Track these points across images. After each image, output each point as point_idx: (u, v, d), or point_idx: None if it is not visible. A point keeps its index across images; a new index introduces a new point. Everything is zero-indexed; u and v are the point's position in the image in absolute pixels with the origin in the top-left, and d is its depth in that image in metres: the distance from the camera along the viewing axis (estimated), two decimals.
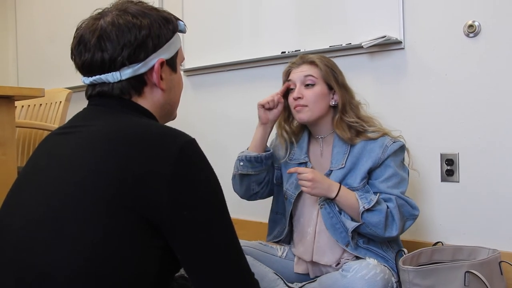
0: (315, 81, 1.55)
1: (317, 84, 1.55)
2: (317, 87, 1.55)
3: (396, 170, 1.51)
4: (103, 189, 0.80)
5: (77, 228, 0.79)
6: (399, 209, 1.47)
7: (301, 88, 1.56)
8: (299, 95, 1.55)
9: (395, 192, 1.49)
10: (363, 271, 1.35)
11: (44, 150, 0.95)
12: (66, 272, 0.76)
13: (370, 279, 1.34)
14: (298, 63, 1.60)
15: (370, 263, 1.38)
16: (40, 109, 2.48)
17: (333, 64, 1.60)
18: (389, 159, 1.51)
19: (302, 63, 1.59)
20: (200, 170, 0.86)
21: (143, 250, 0.81)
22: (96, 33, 0.91)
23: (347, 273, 1.36)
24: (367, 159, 1.52)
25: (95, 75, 0.93)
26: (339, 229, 1.51)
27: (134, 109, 0.94)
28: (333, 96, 1.57)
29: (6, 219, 0.87)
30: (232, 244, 0.88)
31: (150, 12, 0.95)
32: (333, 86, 1.56)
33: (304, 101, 1.54)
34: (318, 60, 1.57)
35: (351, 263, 1.41)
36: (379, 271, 1.36)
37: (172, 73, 1.00)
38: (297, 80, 1.57)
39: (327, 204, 1.52)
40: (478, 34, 1.76)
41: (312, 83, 1.55)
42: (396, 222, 1.45)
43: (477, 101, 1.77)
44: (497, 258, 1.50)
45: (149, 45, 0.93)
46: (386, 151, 1.51)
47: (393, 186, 1.50)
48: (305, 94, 1.55)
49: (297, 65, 1.60)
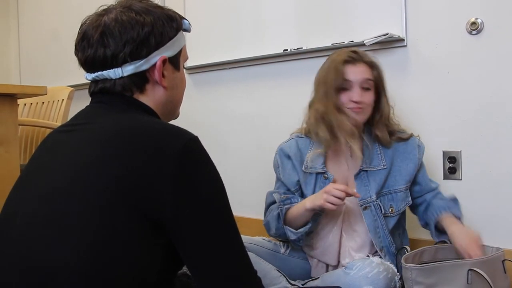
0: (372, 85, 1.53)
1: (371, 88, 1.54)
2: (372, 92, 1.54)
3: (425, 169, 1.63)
4: (106, 187, 0.80)
5: (80, 227, 0.79)
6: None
7: (360, 91, 1.50)
8: (361, 99, 1.50)
9: (435, 186, 1.63)
10: (366, 269, 1.35)
11: (46, 148, 0.96)
12: (69, 271, 0.76)
13: (373, 277, 1.33)
14: (356, 58, 1.52)
15: (373, 261, 1.38)
16: (42, 107, 2.49)
17: (381, 67, 1.58)
18: (422, 158, 1.59)
19: (361, 61, 1.53)
20: (203, 167, 0.86)
21: (146, 248, 0.81)
22: (99, 29, 0.91)
23: (350, 271, 1.36)
24: (406, 160, 1.55)
25: (98, 71, 0.93)
26: (379, 233, 1.52)
27: (136, 107, 0.94)
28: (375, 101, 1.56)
29: (9, 217, 0.87)
30: (235, 242, 0.88)
31: (154, 10, 0.96)
32: (381, 91, 1.56)
33: (363, 105, 1.51)
34: (375, 62, 1.55)
35: (354, 261, 1.41)
36: (382, 269, 1.36)
37: (174, 71, 1.00)
38: (356, 81, 1.50)
39: (373, 206, 1.52)
40: (481, 32, 1.75)
41: (370, 88, 1.53)
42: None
43: (480, 99, 1.77)
44: (500, 256, 1.50)
45: (152, 42, 0.93)
46: (421, 151, 1.59)
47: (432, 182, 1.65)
48: (363, 98, 1.51)
49: (355, 61, 1.52)
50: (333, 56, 1.58)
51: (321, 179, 1.57)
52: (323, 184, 1.55)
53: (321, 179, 1.57)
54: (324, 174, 1.57)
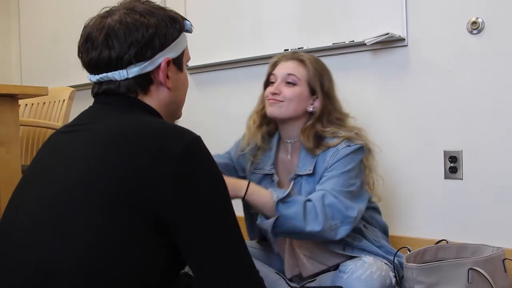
0: (297, 82, 1.47)
1: (298, 85, 1.47)
2: (297, 88, 1.47)
3: (340, 172, 1.40)
4: (108, 187, 0.80)
5: (82, 227, 0.79)
6: (324, 205, 1.33)
7: (281, 84, 1.48)
8: (277, 90, 1.47)
9: (326, 188, 1.36)
10: (359, 271, 1.34)
11: (49, 148, 0.96)
12: (71, 272, 0.76)
13: (366, 279, 1.32)
14: (288, 57, 1.52)
15: (365, 262, 1.37)
16: (43, 108, 2.49)
17: (325, 70, 1.52)
18: (338, 163, 1.41)
19: (292, 58, 1.51)
20: (205, 167, 0.86)
21: (149, 247, 0.81)
22: (103, 31, 0.92)
23: (344, 274, 1.35)
24: (322, 166, 1.45)
25: (102, 73, 0.94)
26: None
27: (140, 107, 0.95)
28: (313, 102, 1.49)
29: (12, 217, 0.87)
30: (237, 241, 0.88)
31: (157, 11, 0.96)
32: (316, 91, 1.48)
33: (281, 97, 1.47)
34: (309, 60, 1.49)
35: (347, 263, 1.39)
36: (375, 269, 1.35)
37: (178, 72, 1.01)
38: (279, 75, 1.49)
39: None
40: (482, 31, 1.75)
41: (294, 83, 1.47)
42: (319, 216, 1.31)
43: (481, 98, 1.77)
44: (500, 255, 1.50)
45: (156, 43, 0.94)
46: (336, 155, 1.42)
47: (329, 183, 1.38)
48: (283, 91, 1.47)
49: (286, 59, 1.52)
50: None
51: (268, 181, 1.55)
52: (269, 186, 1.52)
53: (269, 180, 1.55)
54: (271, 176, 1.54)
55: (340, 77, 1.60)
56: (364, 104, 2.01)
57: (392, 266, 1.44)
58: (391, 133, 1.95)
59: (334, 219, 1.33)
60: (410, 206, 1.93)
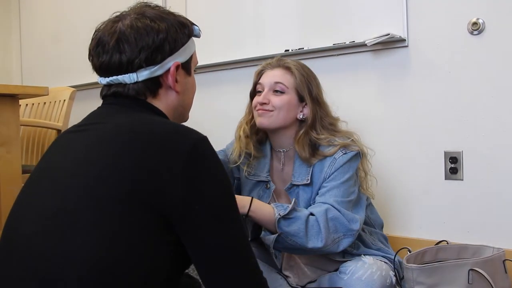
0: (285, 90, 1.45)
1: (286, 93, 1.45)
2: (285, 96, 1.45)
3: (340, 182, 1.39)
4: (117, 185, 0.82)
5: (91, 225, 0.80)
6: (327, 219, 1.32)
7: (269, 94, 1.46)
8: (265, 100, 1.44)
9: (329, 201, 1.36)
10: (359, 272, 1.34)
11: (58, 148, 0.97)
12: (81, 269, 0.77)
13: (367, 279, 1.32)
14: (273, 65, 1.50)
15: (365, 262, 1.37)
16: (44, 108, 2.49)
17: (311, 75, 1.50)
18: (337, 172, 1.40)
19: (278, 66, 1.49)
20: (211, 166, 0.88)
21: (157, 246, 0.82)
22: (115, 36, 0.94)
23: (344, 275, 1.35)
24: (320, 174, 1.42)
25: (112, 76, 0.96)
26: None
27: (148, 109, 0.97)
28: (302, 109, 1.47)
29: (20, 215, 0.88)
30: (242, 240, 0.89)
31: (167, 17, 0.98)
32: (305, 98, 1.45)
33: (270, 107, 1.44)
34: (295, 67, 1.47)
35: (347, 264, 1.39)
36: (375, 269, 1.35)
37: (186, 76, 1.03)
38: (266, 84, 1.47)
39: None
40: (482, 32, 1.75)
41: (282, 91, 1.45)
42: (322, 231, 1.30)
43: (481, 99, 1.77)
44: (501, 256, 1.50)
45: (166, 48, 0.96)
46: (334, 164, 1.41)
47: (330, 195, 1.38)
48: (271, 100, 1.44)
49: (272, 67, 1.50)
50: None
51: (262, 187, 1.54)
52: (262, 193, 1.52)
53: (263, 187, 1.53)
54: (267, 183, 1.52)
55: (340, 77, 1.60)
56: (364, 105, 2.01)
57: (392, 265, 1.44)
58: (391, 134, 1.96)
59: (337, 232, 1.34)
60: (410, 206, 1.93)
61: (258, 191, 1.54)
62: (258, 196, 1.52)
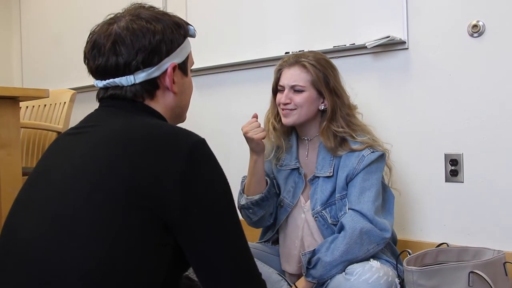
0: (303, 89, 1.51)
1: (306, 90, 1.51)
2: (305, 93, 1.51)
3: (371, 183, 1.46)
4: (115, 188, 0.81)
5: (90, 228, 0.80)
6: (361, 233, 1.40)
7: (289, 93, 1.52)
8: (287, 100, 1.52)
9: (363, 210, 1.43)
10: (367, 275, 1.34)
11: (56, 150, 0.97)
12: (79, 272, 0.77)
13: (373, 283, 1.32)
14: (290, 63, 1.55)
15: (373, 266, 1.37)
16: (44, 110, 2.50)
17: (328, 67, 1.55)
18: (365, 171, 1.46)
19: (295, 63, 1.54)
20: (210, 169, 0.88)
21: (155, 249, 0.82)
22: (110, 38, 0.93)
23: (351, 277, 1.35)
24: (345, 168, 1.48)
25: (109, 79, 0.95)
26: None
27: (145, 111, 0.96)
28: (323, 101, 1.54)
29: (19, 219, 0.88)
30: (240, 243, 0.89)
31: (162, 17, 0.98)
32: (323, 92, 1.52)
33: (292, 106, 1.52)
34: (310, 64, 1.52)
35: (354, 266, 1.39)
36: (382, 274, 1.35)
37: (183, 77, 1.03)
38: (286, 85, 1.53)
39: (320, 217, 1.51)
40: (483, 34, 1.76)
41: (301, 90, 1.51)
42: (345, 247, 1.40)
43: (482, 101, 1.77)
44: (501, 258, 1.50)
45: (163, 49, 0.95)
46: (362, 162, 1.46)
47: (364, 201, 1.44)
48: (293, 99, 1.52)
49: (289, 65, 1.55)
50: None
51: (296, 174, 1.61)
52: (297, 179, 1.59)
53: (296, 174, 1.60)
54: (298, 169, 1.60)
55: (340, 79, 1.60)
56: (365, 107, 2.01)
57: (396, 272, 1.44)
58: (392, 136, 1.95)
59: (371, 243, 1.42)
60: (410, 209, 1.93)
61: (294, 179, 1.60)
62: (294, 183, 1.60)
